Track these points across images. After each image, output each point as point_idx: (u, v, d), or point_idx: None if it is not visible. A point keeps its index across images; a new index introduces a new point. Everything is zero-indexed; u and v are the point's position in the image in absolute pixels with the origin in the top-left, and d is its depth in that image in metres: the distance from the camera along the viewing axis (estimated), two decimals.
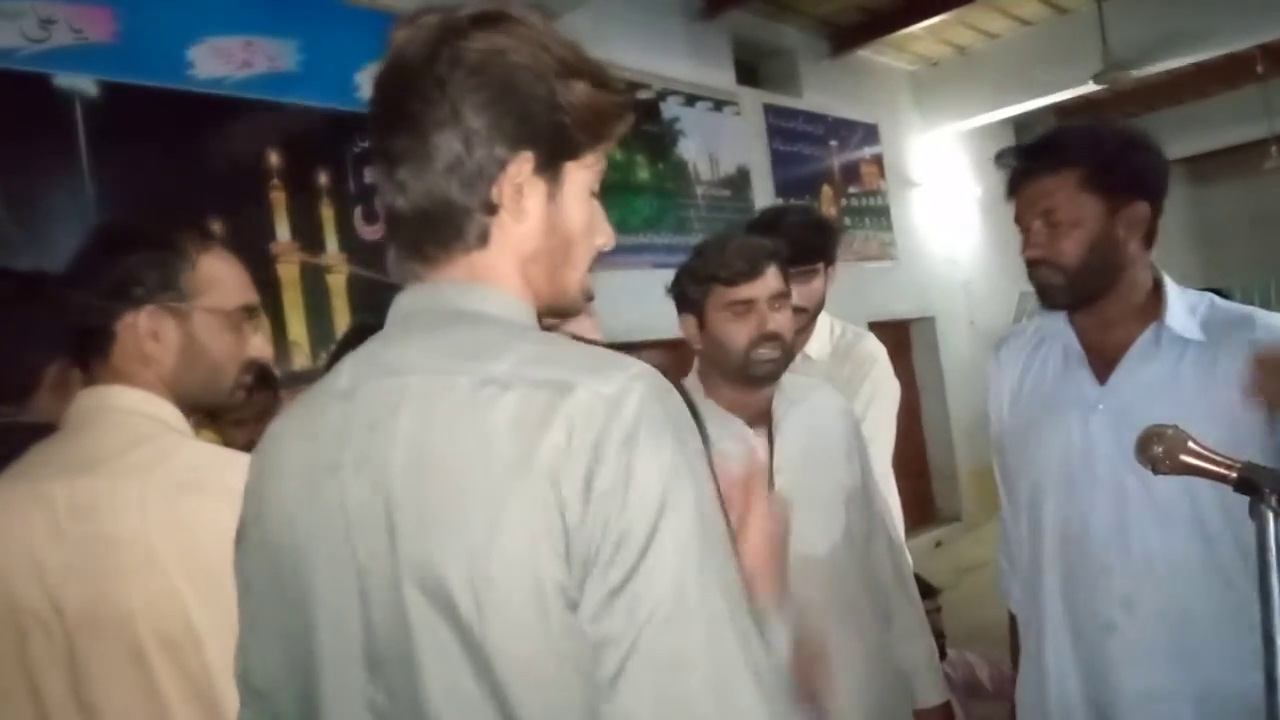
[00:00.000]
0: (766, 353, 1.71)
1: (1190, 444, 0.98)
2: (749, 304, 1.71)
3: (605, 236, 0.93)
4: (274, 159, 3.53)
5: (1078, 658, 1.52)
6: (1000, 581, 1.78)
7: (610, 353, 0.79)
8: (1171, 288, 1.52)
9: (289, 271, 3.52)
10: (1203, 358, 1.45)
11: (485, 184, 0.83)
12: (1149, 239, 1.52)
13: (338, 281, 3.66)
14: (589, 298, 1.68)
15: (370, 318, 3.65)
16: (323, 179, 3.65)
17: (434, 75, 0.81)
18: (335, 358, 2.29)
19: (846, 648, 1.71)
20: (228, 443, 1.29)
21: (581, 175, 0.88)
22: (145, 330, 1.22)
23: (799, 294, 2.14)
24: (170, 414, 1.24)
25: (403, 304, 0.88)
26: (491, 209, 0.83)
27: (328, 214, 3.66)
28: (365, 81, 3.78)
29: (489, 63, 0.81)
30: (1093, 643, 1.50)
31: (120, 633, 1.13)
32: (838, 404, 1.89)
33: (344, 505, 0.80)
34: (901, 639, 1.83)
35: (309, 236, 3.59)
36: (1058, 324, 1.61)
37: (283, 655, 0.86)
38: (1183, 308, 1.50)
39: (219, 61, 3.45)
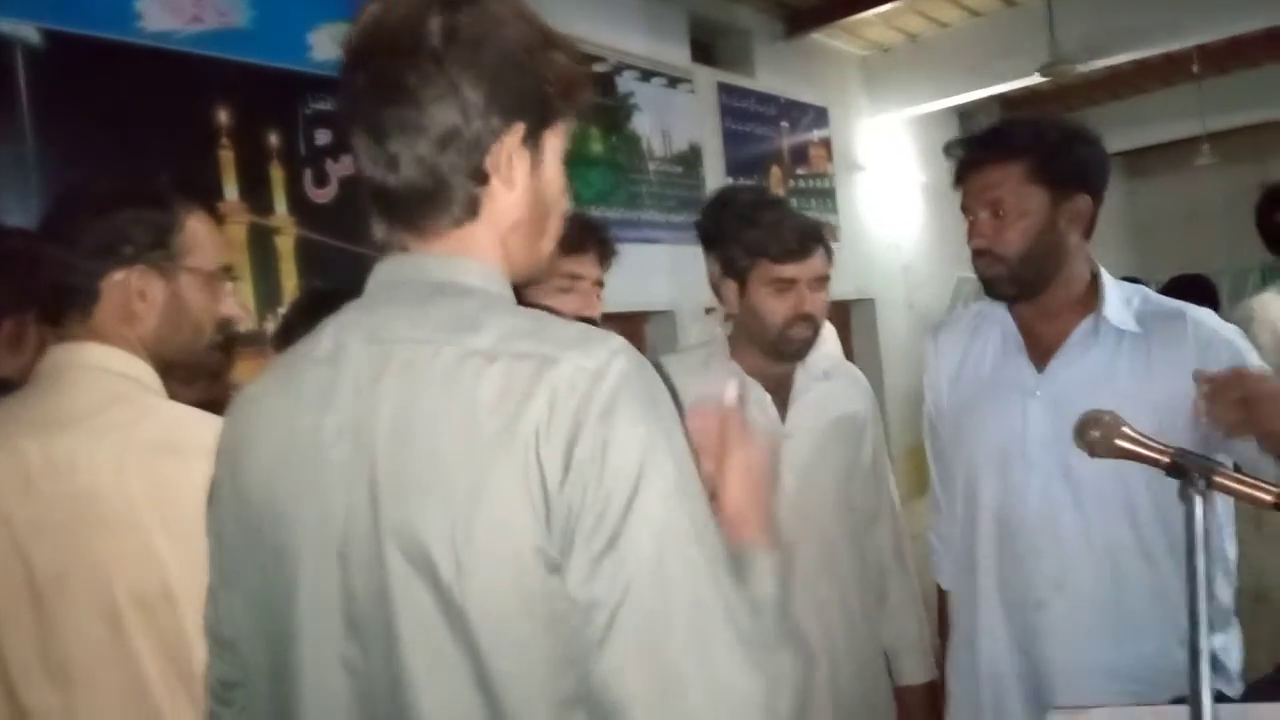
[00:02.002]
0: (800, 331, 1.75)
1: (1126, 429, 1.04)
2: (791, 283, 1.75)
3: (566, 203, 0.96)
4: (223, 117, 3.44)
5: (1010, 633, 1.58)
6: (931, 558, 1.84)
7: (590, 328, 0.83)
8: (1108, 280, 1.58)
9: (236, 232, 3.44)
10: (1137, 349, 1.51)
11: (479, 155, 0.84)
12: (1088, 232, 1.57)
13: (286, 244, 3.60)
14: (599, 284, 1.71)
15: (321, 283, 3.60)
16: (273, 140, 3.57)
17: (428, 48, 0.82)
18: (288, 324, 2.28)
19: (831, 614, 1.77)
20: (176, 399, 1.28)
21: (556, 143, 0.91)
22: (135, 289, 1.22)
23: None
24: (145, 374, 1.23)
25: (385, 273, 0.89)
26: (483, 179, 0.85)
27: (277, 175, 3.58)
28: (318, 41, 3.71)
29: (485, 36, 0.83)
30: (1024, 619, 1.56)
31: (93, 590, 1.12)
32: (862, 387, 1.95)
33: (325, 468, 0.82)
34: (893, 617, 1.89)
35: (257, 198, 3.51)
36: (997, 311, 1.66)
37: (257, 611, 0.88)
38: (1119, 300, 1.56)
39: (168, 15, 3.35)
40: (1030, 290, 1.57)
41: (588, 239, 1.72)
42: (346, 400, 0.83)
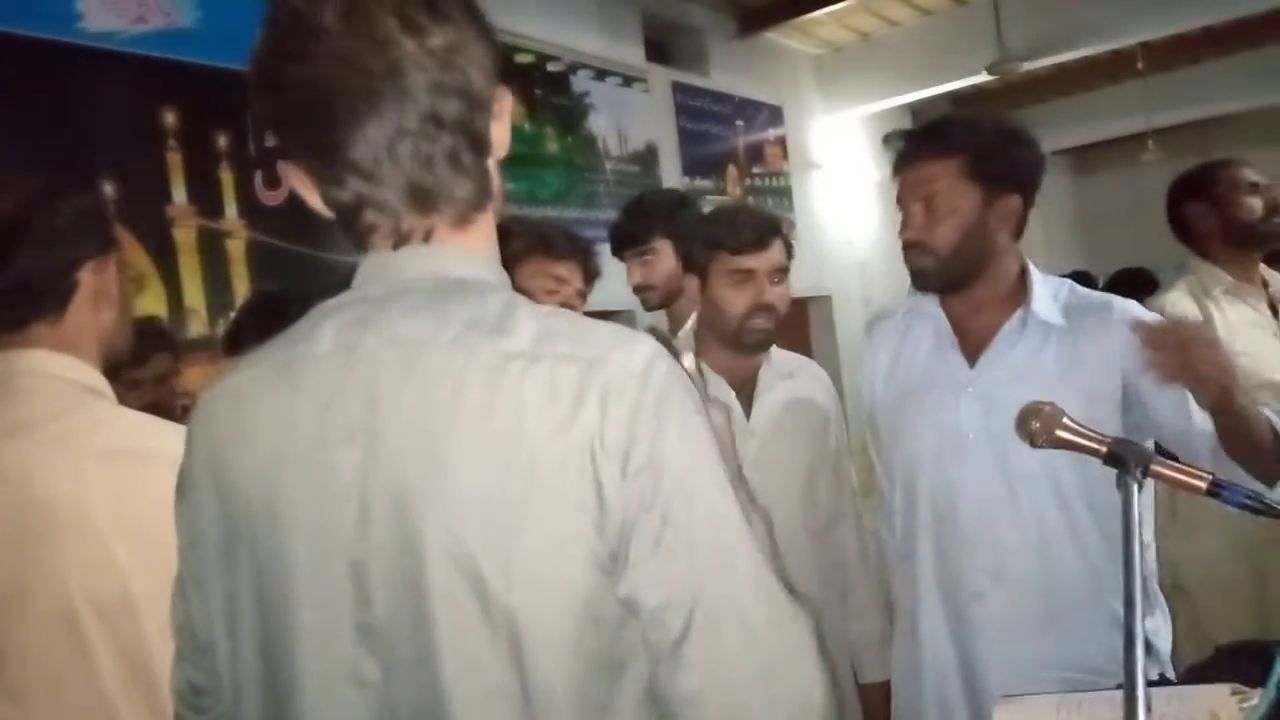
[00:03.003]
0: (760, 322, 1.78)
1: (1065, 420, 1.05)
2: (749, 274, 1.78)
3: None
4: (170, 119, 3.39)
5: (949, 624, 1.61)
6: (884, 553, 1.87)
7: (620, 327, 0.81)
8: (1036, 275, 1.61)
9: (186, 236, 3.40)
10: (1064, 342, 1.54)
11: (485, 123, 0.83)
12: (1018, 230, 1.60)
13: (237, 247, 3.55)
14: (582, 294, 1.74)
15: (272, 286, 3.55)
16: (222, 141, 3.53)
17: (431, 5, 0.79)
18: (238, 326, 2.25)
19: None
20: (123, 404, 1.26)
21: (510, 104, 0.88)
22: (110, 278, 1.20)
23: (641, 272, 2.24)
24: (98, 380, 1.21)
25: (390, 267, 0.84)
26: (489, 147, 0.84)
27: (227, 178, 3.54)
28: None
29: (468, 6, 0.82)
30: (962, 610, 1.59)
31: (51, 601, 1.10)
32: (826, 386, 1.97)
33: (332, 472, 0.78)
34: (855, 615, 1.91)
35: (207, 201, 3.47)
36: (930, 306, 1.68)
37: (247, 616, 0.83)
38: (1046, 294, 1.58)
39: (111, 15, 3.29)
40: (957, 284, 1.60)
41: (575, 249, 1.81)
42: (358, 402, 0.78)
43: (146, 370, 2.37)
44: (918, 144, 1.62)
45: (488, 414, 0.75)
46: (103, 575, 1.11)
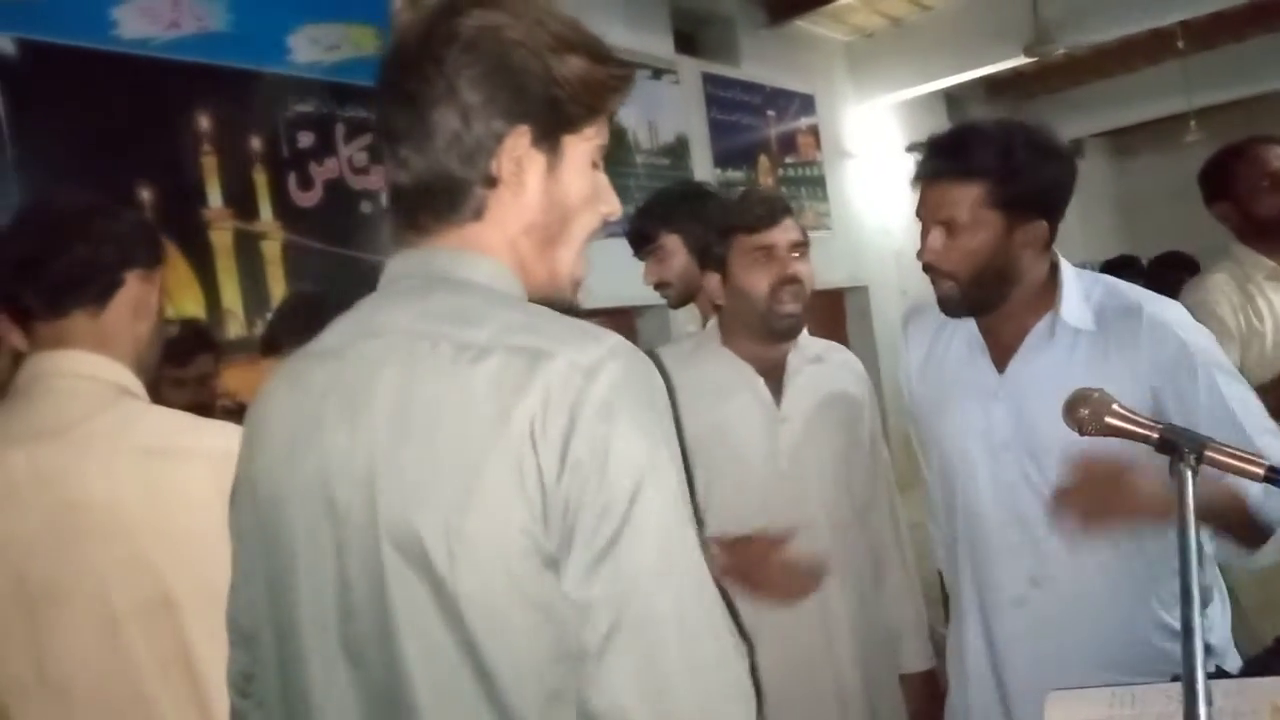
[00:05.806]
0: (788, 301, 1.75)
1: (1115, 406, 1.02)
2: (770, 249, 1.75)
3: (610, 205, 0.96)
4: (204, 123, 3.42)
5: (991, 629, 1.58)
6: (932, 547, 1.83)
7: (590, 325, 0.83)
8: (1067, 274, 1.54)
9: (222, 238, 3.44)
10: (1094, 347, 1.48)
11: (484, 158, 0.85)
12: (1046, 246, 1.54)
13: (272, 248, 3.59)
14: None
15: (307, 287, 3.58)
16: (255, 144, 3.56)
17: (431, 53, 0.84)
18: (273, 328, 2.27)
19: (840, 601, 1.76)
20: (167, 404, 1.28)
21: (581, 148, 0.92)
22: (153, 292, 1.24)
23: (654, 270, 2.18)
24: (129, 380, 1.23)
25: (394, 268, 0.91)
26: (492, 182, 0.86)
27: (261, 180, 3.57)
28: (297, 44, 3.69)
29: (483, 38, 0.84)
30: (1003, 616, 1.56)
31: (90, 601, 1.11)
32: (856, 370, 1.94)
33: (324, 461, 0.83)
34: (891, 602, 1.88)
35: (242, 203, 3.50)
36: None
37: (269, 604, 0.89)
38: (1077, 296, 1.51)
39: (145, 21, 3.33)
40: (982, 308, 1.54)
41: None
42: (345, 394, 0.84)
43: (190, 371, 2.43)
44: (940, 160, 1.53)
45: (440, 401, 0.78)
46: (140, 575, 1.12)
